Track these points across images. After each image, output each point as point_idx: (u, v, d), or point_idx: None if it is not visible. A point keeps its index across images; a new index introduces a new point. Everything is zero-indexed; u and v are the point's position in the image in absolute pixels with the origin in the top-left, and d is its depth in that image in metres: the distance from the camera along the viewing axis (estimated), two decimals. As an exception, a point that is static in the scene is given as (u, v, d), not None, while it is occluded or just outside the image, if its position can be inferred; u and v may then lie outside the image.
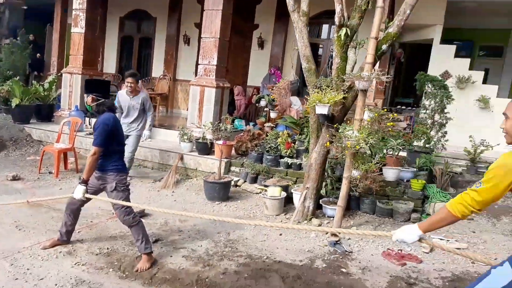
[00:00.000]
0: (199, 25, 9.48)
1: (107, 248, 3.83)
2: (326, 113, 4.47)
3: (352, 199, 5.20)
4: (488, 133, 7.60)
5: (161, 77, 11.51)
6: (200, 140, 6.72)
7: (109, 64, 12.60)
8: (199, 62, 7.49)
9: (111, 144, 3.58)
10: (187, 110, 8.10)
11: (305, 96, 4.87)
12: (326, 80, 4.76)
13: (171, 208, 4.87)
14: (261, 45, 10.76)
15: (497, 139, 6.98)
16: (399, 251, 4.11)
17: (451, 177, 5.64)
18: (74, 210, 3.75)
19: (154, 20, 11.86)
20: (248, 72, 10.95)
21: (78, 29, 8.58)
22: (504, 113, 1.98)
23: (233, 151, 6.74)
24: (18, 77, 9.62)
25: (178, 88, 11.69)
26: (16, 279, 3.21)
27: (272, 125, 8.01)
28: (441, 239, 4.45)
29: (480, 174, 6.76)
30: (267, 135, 6.99)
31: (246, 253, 3.91)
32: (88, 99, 3.74)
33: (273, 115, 8.39)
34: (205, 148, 6.68)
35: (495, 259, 4.00)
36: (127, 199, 3.66)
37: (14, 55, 11.10)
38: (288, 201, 5.32)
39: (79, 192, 3.54)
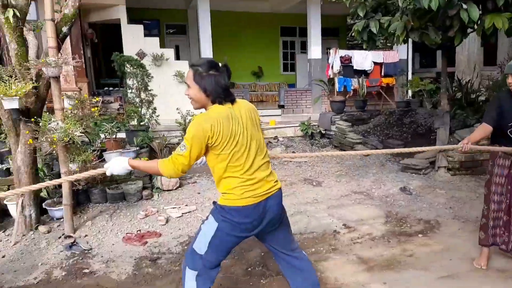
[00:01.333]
0: None
1: None
2: (17, 107, 3.85)
3: (80, 193, 4.79)
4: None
5: None
6: None
7: None
8: None
9: None
10: None
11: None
12: (6, 69, 4.07)
13: None
14: None
15: (199, 108, 7.94)
16: (138, 232, 4.10)
17: (170, 149, 6.03)
18: None
19: None
20: None
21: None
22: (185, 82, 2.21)
23: None
24: None
25: None
26: None
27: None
28: (173, 207, 4.73)
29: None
30: None
31: None
32: None
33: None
34: None
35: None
36: None
37: None
38: (4, 214, 4.46)
39: None
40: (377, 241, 3.84)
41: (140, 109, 7.08)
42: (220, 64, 2.18)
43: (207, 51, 9.92)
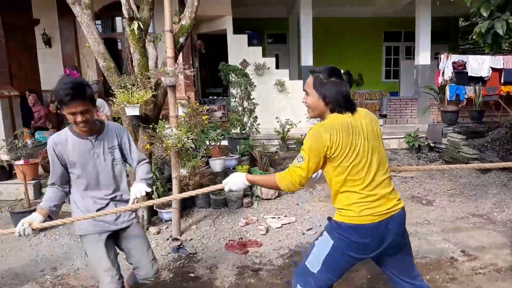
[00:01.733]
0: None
1: None
2: (138, 114, 4.14)
3: (186, 197, 5.03)
4: (290, 112, 8.54)
5: None
6: (-7, 164, 5.47)
7: None
8: (-32, 70, 6.02)
9: None
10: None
11: (110, 97, 4.39)
12: (130, 78, 4.42)
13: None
14: (48, 42, 9.40)
15: (297, 117, 7.99)
16: (240, 240, 4.15)
17: (269, 157, 6.06)
18: None
19: None
20: (39, 75, 9.41)
21: None
22: (304, 90, 2.11)
23: (40, 169, 5.69)
24: None
25: None
26: None
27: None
28: (272, 217, 4.72)
29: (291, 150, 7.52)
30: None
31: (81, 287, 3.31)
32: None
33: (79, 121, 7.39)
34: (3, 173, 5.58)
35: (319, 225, 4.46)
36: None
37: None
38: (119, 215, 4.78)
39: None
40: (504, 273, 3.35)
41: (242, 117, 7.26)
42: (342, 71, 2.06)
43: (308, 59, 9.84)
